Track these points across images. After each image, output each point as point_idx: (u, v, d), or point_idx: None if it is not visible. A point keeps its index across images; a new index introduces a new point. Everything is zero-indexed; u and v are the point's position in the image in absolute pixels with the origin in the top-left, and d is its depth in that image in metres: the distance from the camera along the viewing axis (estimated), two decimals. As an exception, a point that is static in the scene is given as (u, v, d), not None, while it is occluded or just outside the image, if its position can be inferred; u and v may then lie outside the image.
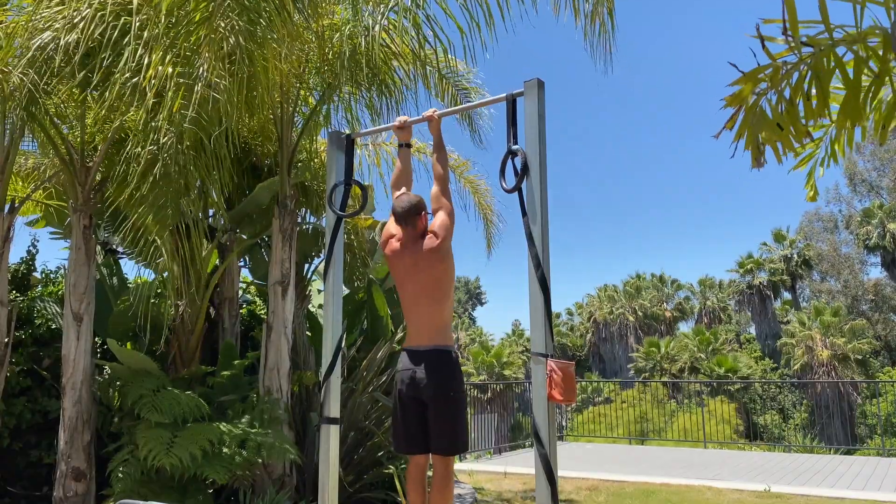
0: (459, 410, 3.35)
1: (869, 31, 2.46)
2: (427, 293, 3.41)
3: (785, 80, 2.61)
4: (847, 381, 26.58)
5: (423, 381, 3.32)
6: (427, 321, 3.41)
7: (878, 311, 34.27)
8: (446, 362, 3.36)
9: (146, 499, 4.92)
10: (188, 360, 6.46)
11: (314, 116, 6.73)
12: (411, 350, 3.43)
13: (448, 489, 3.37)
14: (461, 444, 3.39)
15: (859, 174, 33.86)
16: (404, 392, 3.40)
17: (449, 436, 3.33)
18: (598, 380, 35.78)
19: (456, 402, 3.33)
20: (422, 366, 3.34)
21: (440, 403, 3.31)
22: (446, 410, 3.31)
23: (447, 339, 3.42)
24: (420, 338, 3.42)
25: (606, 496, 7.33)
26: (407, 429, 3.42)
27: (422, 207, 3.50)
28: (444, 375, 3.33)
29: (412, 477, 3.52)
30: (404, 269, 3.48)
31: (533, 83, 3.28)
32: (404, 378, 3.40)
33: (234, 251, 7.09)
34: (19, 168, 6.88)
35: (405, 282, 3.49)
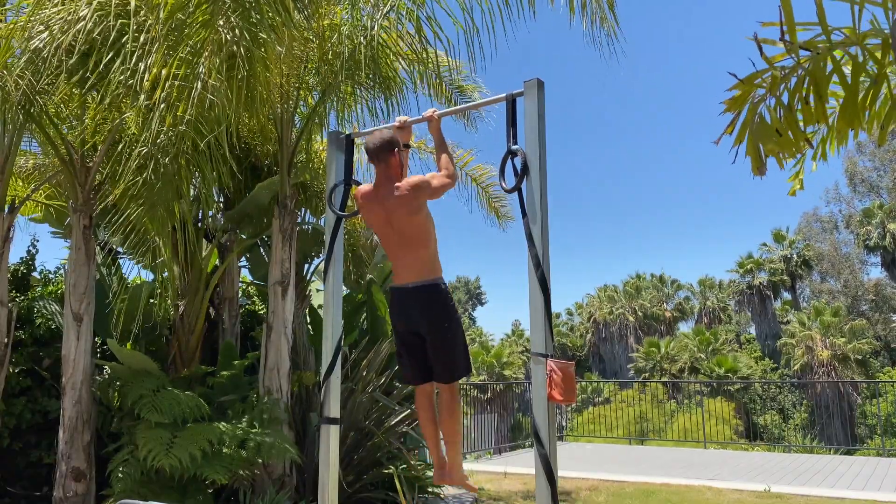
0: (456, 339, 3.40)
1: (867, 32, 2.46)
2: (406, 240, 3.39)
3: (783, 85, 2.62)
4: (847, 381, 26.58)
5: (416, 317, 3.37)
6: (411, 259, 3.40)
7: (878, 311, 34.27)
8: (436, 295, 3.37)
9: (146, 499, 4.92)
10: (188, 360, 6.46)
11: (314, 117, 6.73)
12: (399, 288, 3.43)
13: (456, 413, 3.47)
14: (462, 370, 3.46)
15: (859, 174, 33.88)
16: (400, 328, 3.47)
17: (449, 365, 3.40)
18: (597, 380, 35.77)
19: (451, 331, 3.38)
20: (412, 303, 3.37)
21: (436, 336, 3.36)
22: (443, 341, 3.37)
23: (434, 272, 3.42)
24: (408, 275, 3.41)
25: (606, 496, 7.33)
26: (410, 363, 3.50)
27: (395, 143, 3.45)
28: (435, 309, 3.36)
29: (421, 406, 3.59)
30: (378, 221, 3.45)
31: (533, 83, 3.28)
32: (398, 316, 3.45)
33: (234, 251, 7.09)
34: (20, 169, 6.88)
35: (382, 232, 3.47)
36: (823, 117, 2.62)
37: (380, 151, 3.42)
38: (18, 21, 5.10)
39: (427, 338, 3.37)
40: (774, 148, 2.68)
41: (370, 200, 3.46)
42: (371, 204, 3.46)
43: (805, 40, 2.50)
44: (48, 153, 6.49)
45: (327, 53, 5.93)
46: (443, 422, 3.49)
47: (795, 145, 2.68)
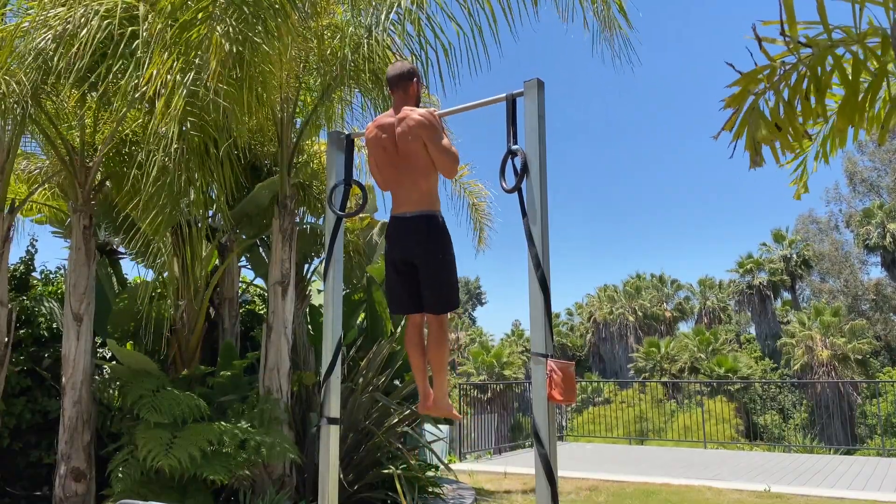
0: (449, 270, 3.43)
1: (868, 31, 2.46)
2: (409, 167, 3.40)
3: (784, 81, 2.61)
4: (847, 381, 26.58)
5: (412, 246, 3.40)
6: (412, 189, 3.42)
7: (878, 311, 34.27)
8: (433, 226, 3.41)
9: (146, 499, 4.92)
10: (188, 360, 6.46)
11: (313, 117, 6.73)
12: (398, 217, 3.47)
13: (443, 345, 3.51)
14: (452, 303, 3.48)
15: (859, 174, 33.88)
16: (395, 257, 3.49)
17: (440, 295, 3.43)
18: (597, 380, 35.77)
19: (445, 262, 3.41)
20: (409, 231, 3.41)
21: (430, 265, 3.39)
22: (436, 272, 3.40)
23: (433, 205, 3.45)
24: (407, 205, 3.44)
25: (606, 496, 7.33)
26: (401, 291, 3.53)
27: (415, 73, 3.53)
28: (431, 238, 3.39)
29: (410, 337, 3.64)
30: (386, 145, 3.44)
31: (533, 83, 3.28)
32: (394, 243, 3.48)
33: (234, 251, 7.09)
34: (21, 172, 6.89)
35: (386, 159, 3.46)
36: (823, 114, 2.62)
37: (400, 79, 3.49)
38: (21, 22, 5.10)
39: (420, 267, 3.41)
40: (769, 137, 2.68)
41: (382, 126, 3.47)
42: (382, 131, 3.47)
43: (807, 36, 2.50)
44: (48, 153, 6.50)
45: (326, 52, 5.94)
46: (430, 351, 3.54)
47: (795, 139, 2.68)
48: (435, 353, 3.53)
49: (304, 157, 7.36)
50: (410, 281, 3.48)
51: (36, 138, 6.48)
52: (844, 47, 2.51)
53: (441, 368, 3.57)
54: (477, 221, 8.97)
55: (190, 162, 4.98)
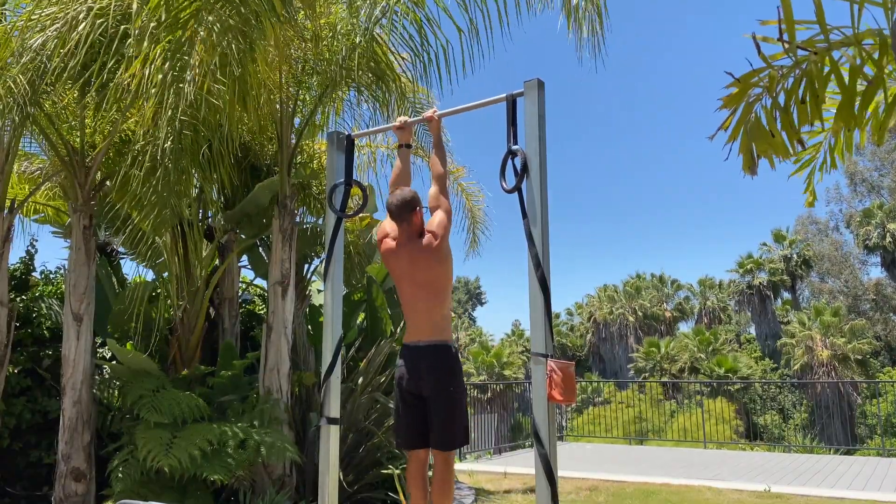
0: (459, 405, 3.37)
1: (866, 33, 2.45)
2: (425, 292, 3.41)
3: (780, 84, 2.61)
4: (847, 381, 26.58)
5: (423, 377, 3.34)
6: (426, 317, 3.42)
7: (878, 311, 34.27)
8: (446, 357, 3.37)
9: (146, 499, 4.92)
10: (188, 360, 6.46)
11: (312, 117, 6.74)
12: (411, 346, 3.44)
13: (448, 484, 3.39)
14: (461, 439, 3.41)
15: (860, 174, 33.87)
16: (404, 387, 3.42)
17: (448, 431, 3.34)
18: (597, 380, 35.77)
19: (455, 397, 3.35)
20: (421, 361, 3.36)
21: (440, 398, 3.33)
22: (446, 405, 3.33)
23: (446, 335, 3.43)
24: (420, 333, 3.42)
25: (606, 496, 7.33)
26: (408, 424, 3.45)
27: (416, 203, 3.49)
28: (443, 370, 3.34)
29: (413, 473, 3.53)
30: (401, 268, 3.49)
31: (533, 83, 3.28)
32: (404, 373, 3.42)
33: (234, 251, 7.09)
34: (21, 171, 6.89)
35: (402, 281, 3.50)
36: (819, 118, 2.62)
37: (402, 211, 3.46)
38: (17, 20, 5.10)
39: (430, 399, 3.34)
40: (766, 149, 2.69)
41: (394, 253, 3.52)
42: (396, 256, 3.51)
43: (803, 40, 2.49)
44: (48, 153, 6.50)
45: (323, 52, 5.94)
46: (435, 493, 3.41)
47: (791, 146, 2.69)
48: (439, 495, 3.39)
49: (304, 157, 7.35)
50: (419, 414, 3.40)
51: (35, 138, 6.48)
52: (841, 51, 2.51)
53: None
54: (472, 226, 8.99)
55: (181, 160, 4.96)
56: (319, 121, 7.10)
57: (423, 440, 3.42)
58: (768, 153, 2.72)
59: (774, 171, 2.82)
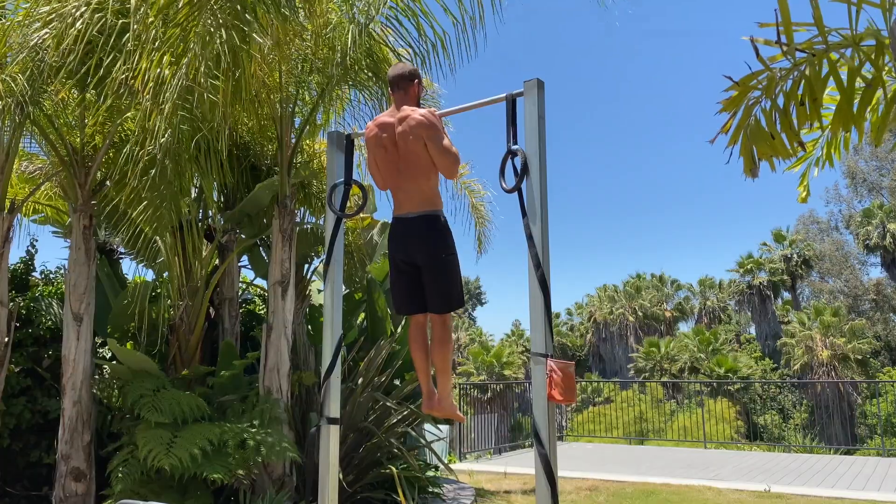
0: (452, 270, 3.44)
1: (864, 34, 2.45)
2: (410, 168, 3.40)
3: (779, 86, 2.62)
4: (847, 381, 26.57)
5: (415, 247, 3.41)
6: (414, 190, 3.43)
7: (878, 311, 34.26)
8: (435, 226, 3.42)
9: (146, 499, 4.92)
10: (188, 360, 6.46)
11: (312, 116, 6.74)
12: (401, 218, 3.48)
13: (447, 345, 3.51)
14: (456, 302, 3.49)
15: (860, 174, 33.85)
16: (398, 257, 3.50)
17: (444, 295, 3.44)
18: (597, 380, 35.77)
19: (448, 262, 3.42)
20: (413, 231, 3.42)
21: (433, 266, 3.40)
22: (440, 272, 3.41)
23: (436, 205, 3.46)
24: (409, 205, 3.45)
25: (606, 496, 7.33)
26: (405, 292, 3.55)
27: (416, 75, 3.54)
28: (434, 239, 3.41)
29: (413, 336, 3.65)
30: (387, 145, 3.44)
31: (533, 83, 3.28)
32: (397, 245, 3.49)
33: (234, 251, 7.09)
34: (21, 170, 6.88)
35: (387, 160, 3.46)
36: (818, 119, 2.62)
37: (401, 80, 3.51)
38: (14, 18, 5.09)
39: (424, 267, 3.42)
40: (767, 151, 2.70)
41: (382, 126, 3.48)
42: (382, 130, 3.47)
43: (801, 42, 2.50)
44: (48, 153, 6.49)
45: (323, 50, 5.94)
46: (434, 352, 3.54)
47: (791, 147, 2.69)
48: (438, 354, 3.52)
49: (304, 157, 7.36)
50: (414, 281, 3.49)
51: (35, 138, 6.48)
52: (839, 53, 2.51)
53: (445, 369, 3.57)
54: (477, 222, 8.97)
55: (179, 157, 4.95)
56: (320, 120, 7.11)
57: (420, 305, 3.52)
58: (769, 155, 2.73)
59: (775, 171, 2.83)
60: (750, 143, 2.74)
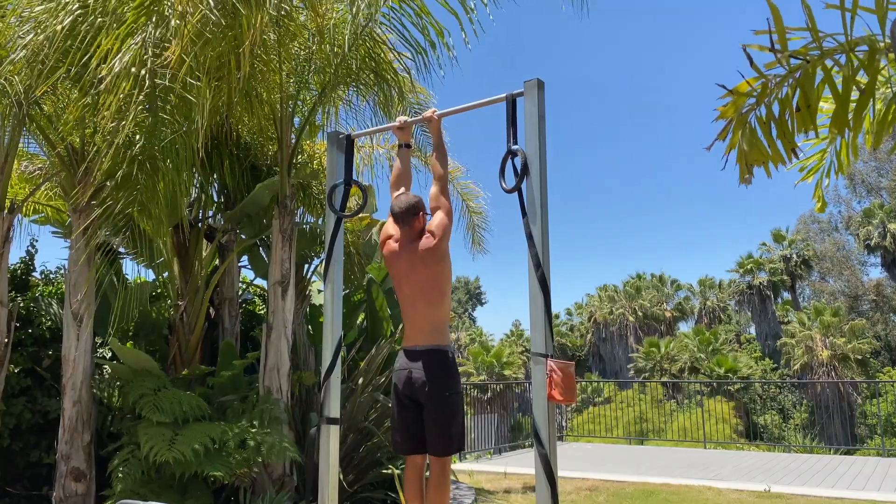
0: (455, 411, 3.36)
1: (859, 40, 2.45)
2: (424, 293, 3.42)
3: (774, 94, 2.62)
4: (847, 381, 26.57)
5: (420, 381, 3.33)
6: (424, 321, 3.42)
7: (878, 311, 34.26)
8: (442, 362, 3.36)
9: (146, 499, 4.92)
10: (188, 360, 6.46)
11: (312, 116, 6.74)
12: (408, 350, 3.44)
13: (444, 489, 3.39)
14: (456, 445, 3.40)
15: (859, 175, 33.85)
16: (401, 391, 3.42)
17: (444, 437, 3.34)
18: (598, 380, 35.77)
19: (452, 402, 3.34)
20: (418, 365, 3.35)
21: (436, 404, 3.32)
22: (442, 411, 3.32)
23: (444, 339, 3.43)
24: (417, 337, 3.42)
25: (606, 496, 7.33)
26: (404, 429, 3.45)
27: (420, 208, 3.52)
28: (440, 375, 3.33)
29: (409, 477, 3.53)
30: (401, 270, 3.50)
31: (533, 83, 3.28)
32: (401, 377, 3.42)
33: (234, 251, 7.09)
34: (22, 171, 6.88)
35: (402, 282, 3.51)
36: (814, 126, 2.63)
37: (405, 215, 3.49)
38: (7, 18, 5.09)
39: (426, 404, 3.33)
40: (760, 159, 2.70)
41: (395, 253, 3.54)
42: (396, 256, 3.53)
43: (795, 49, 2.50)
44: (48, 153, 6.49)
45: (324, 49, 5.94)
46: (429, 498, 3.42)
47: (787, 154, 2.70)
48: (435, 498, 3.39)
49: (304, 157, 7.36)
50: (415, 419, 3.40)
51: (35, 139, 6.48)
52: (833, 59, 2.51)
53: None
54: (472, 224, 8.98)
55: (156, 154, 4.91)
56: (320, 121, 7.11)
57: (420, 445, 3.42)
58: (763, 163, 2.73)
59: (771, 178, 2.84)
60: (745, 151, 2.75)
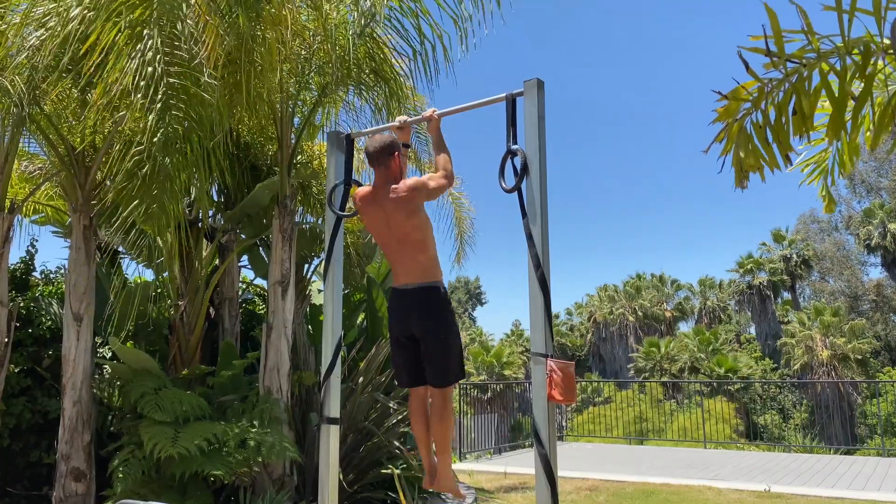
0: (451, 343, 3.39)
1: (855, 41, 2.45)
2: (405, 243, 3.39)
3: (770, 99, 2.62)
4: (847, 381, 26.57)
5: (414, 320, 3.36)
6: (412, 262, 3.40)
7: (878, 311, 34.25)
8: (435, 298, 3.37)
9: (146, 499, 4.92)
10: (188, 360, 6.46)
11: (312, 117, 6.74)
12: (400, 289, 3.43)
13: (446, 418, 3.45)
14: (455, 375, 3.45)
15: (859, 175, 33.84)
16: (397, 330, 3.45)
17: (443, 369, 3.39)
18: (597, 380, 35.77)
19: (447, 335, 3.38)
20: (411, 304, 3.37)
21: (433, 339, 3.35)
22: (439, 345, 3.36)
23: (434, 276, 3.42)
24: (408, 276, 3.41)
25: (606, 496, 7.33)
26: (403, 365, 3.50)
27: (395, 147, 3.44)
28: (433, 311, 3.36)
29: (414, 409, 3.60)
30: (377, 223, 3.44)
31: (533, 83, 3.28)
32: (395, 317, 3.45)
33: (234, 251, 7.09)
34: (22, 171, 6.88)
35: (380, 234, 3.47)
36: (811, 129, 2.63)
37: (380, 155, 3.41)
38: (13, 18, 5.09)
39: (422, 341, 3.36)
40: (755, 163, 2.71)
41: (368, 203, 3.46)
42: (369, 206, 3.46)
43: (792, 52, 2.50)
44: (48, 153, 6.50)
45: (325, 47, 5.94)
46: (433, 427, 3.47)
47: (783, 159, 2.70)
48: (438, 429, 3.45)
49: (304, 157, 7.36)
50: (413, 354, 3.42)
51: (35, 138, 6.48)
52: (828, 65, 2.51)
53: (444, 444, 3.49)
54: (459, 235, 9.00)
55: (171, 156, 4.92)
56: (319, 121, 7.11)
57: (420, 378, 3.47)
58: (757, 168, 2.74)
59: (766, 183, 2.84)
60: (740, 155, 2.75)
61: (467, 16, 5.22)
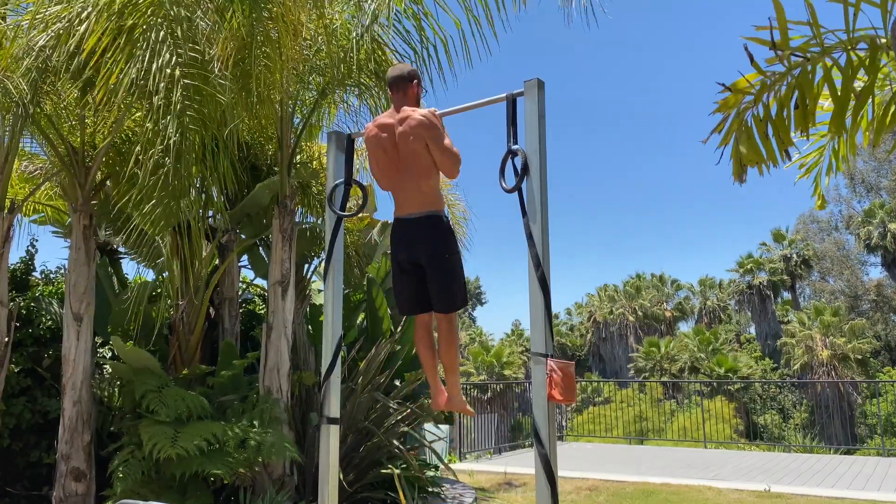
0: (455, 270, 3.44)
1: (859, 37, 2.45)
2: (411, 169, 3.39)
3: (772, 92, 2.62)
4: (847, 381, 26.57)
5: (418, 247, 3.40)
6: (414, 191, 3.42)
7: (878, 311, 34.26)
8: (438, 226, 3.41)
9: (146, 499, 4.92)
10: (188, 360, 6.46)
11: (312, 117, 6.73)
12: (402, 218, 3.47)
13: (453, 343, 3.51)
14: (460, 301, 3.49)
15: (859, 174, 33.86)
16: (400, 258, 3.49)
17: (448, 294, 3.43)
18: (597, 380, 35.77)
19: (451, 262, 3.42)
20: (415, 233, 3.41)
21: (437, 266, 3.40)
22: (443, 272, 3.40)
23: (437, 205, 3.45)
24: (410, 206, 3.44)
25: (606, 496, 7.33)
26: (408, 292, 3.55)
27: (415, 76, 3.53)
28: (437, 238, 3.40)
29: (419, 336, 3.66)
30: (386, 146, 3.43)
31: (533, 83, 3.28)
32: (399, 245, 3.48)
33: (234, 251, 7.09)
34: (22, 171, 6.88)
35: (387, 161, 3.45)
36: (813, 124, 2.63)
37: (399, 80, 3.49)
38: (21, 20, 5.10)
39: (427, 268, 3.41)
40: (754, 158, 2.71)
41: (382, 126, 3.46)
42: (382, 131, 3.45)
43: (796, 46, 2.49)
44: (48, 153, 6.50)
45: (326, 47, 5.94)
46: (442, 351, 3.55)
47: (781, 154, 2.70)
48: (446, 352, 3.53)
49: (304, 157, 7.35)
50: (417, 281, 3.48)
51: (35, 138, 6.48)
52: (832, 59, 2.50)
53: (453, 367, 3.60)
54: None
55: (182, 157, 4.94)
56: (319, 121, 7.10)
57: (425, 305, 3.52)
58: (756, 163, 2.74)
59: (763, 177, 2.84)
60: (739, 148, 2.75)
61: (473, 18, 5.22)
